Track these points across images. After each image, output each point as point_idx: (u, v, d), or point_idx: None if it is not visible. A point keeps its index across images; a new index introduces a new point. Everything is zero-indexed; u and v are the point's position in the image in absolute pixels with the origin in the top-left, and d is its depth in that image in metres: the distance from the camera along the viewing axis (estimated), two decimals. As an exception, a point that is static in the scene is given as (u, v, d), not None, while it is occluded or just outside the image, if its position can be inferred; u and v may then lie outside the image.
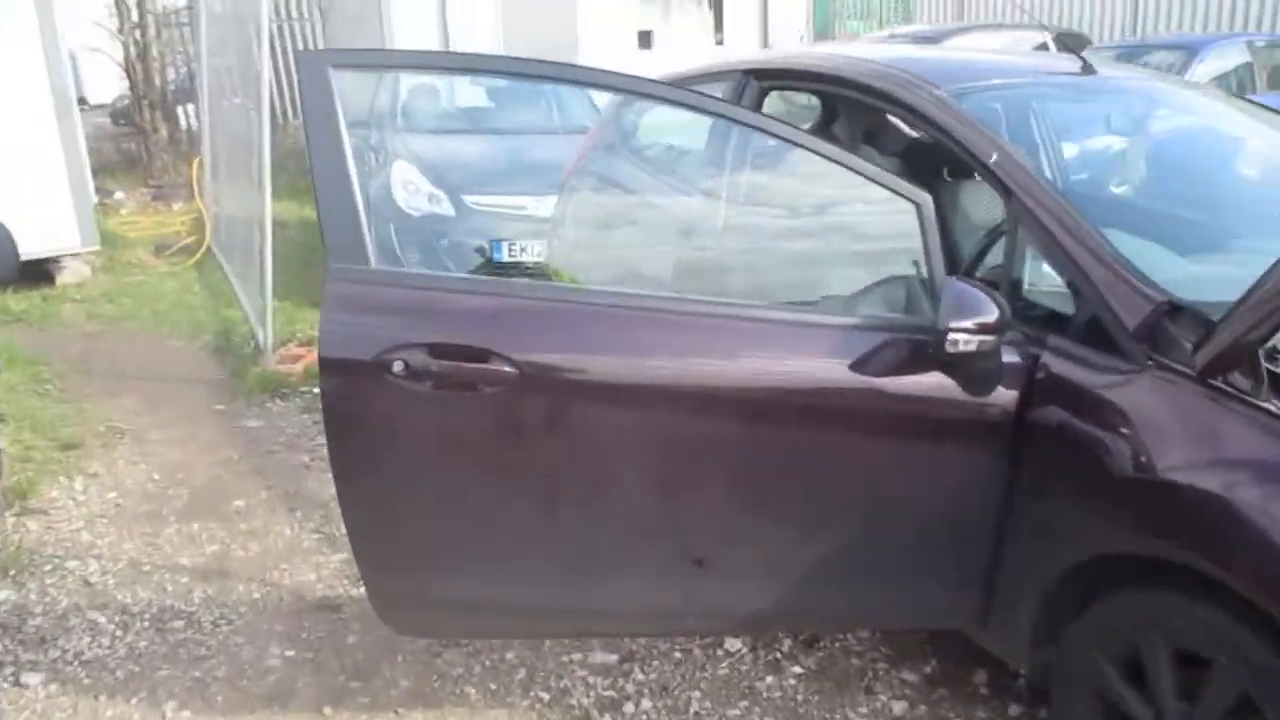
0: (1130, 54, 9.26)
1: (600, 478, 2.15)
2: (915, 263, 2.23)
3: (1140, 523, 1.97)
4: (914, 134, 4.08)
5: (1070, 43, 11.60)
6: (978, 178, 3.88)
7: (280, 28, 13.76)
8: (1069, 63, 2.95)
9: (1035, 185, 2.25)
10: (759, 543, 2.26)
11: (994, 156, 2.35)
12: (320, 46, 13.72)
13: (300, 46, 13.78)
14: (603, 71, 2.41)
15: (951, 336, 1.97)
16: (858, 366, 2.14)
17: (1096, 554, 2.05)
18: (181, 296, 6.79)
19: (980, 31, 11.11)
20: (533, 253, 6.40)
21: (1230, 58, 8.80)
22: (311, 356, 4.89)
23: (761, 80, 3.20)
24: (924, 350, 2.09)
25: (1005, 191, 2.32)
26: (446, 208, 6.29)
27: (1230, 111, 2.92)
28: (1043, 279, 2.28)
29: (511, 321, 2.07)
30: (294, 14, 13.85)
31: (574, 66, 2.75)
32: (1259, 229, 2.52)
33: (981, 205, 3.74)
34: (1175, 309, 2.00)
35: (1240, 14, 12.52)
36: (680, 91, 2.45)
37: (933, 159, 3.93)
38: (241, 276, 6.37)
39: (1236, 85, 8.61)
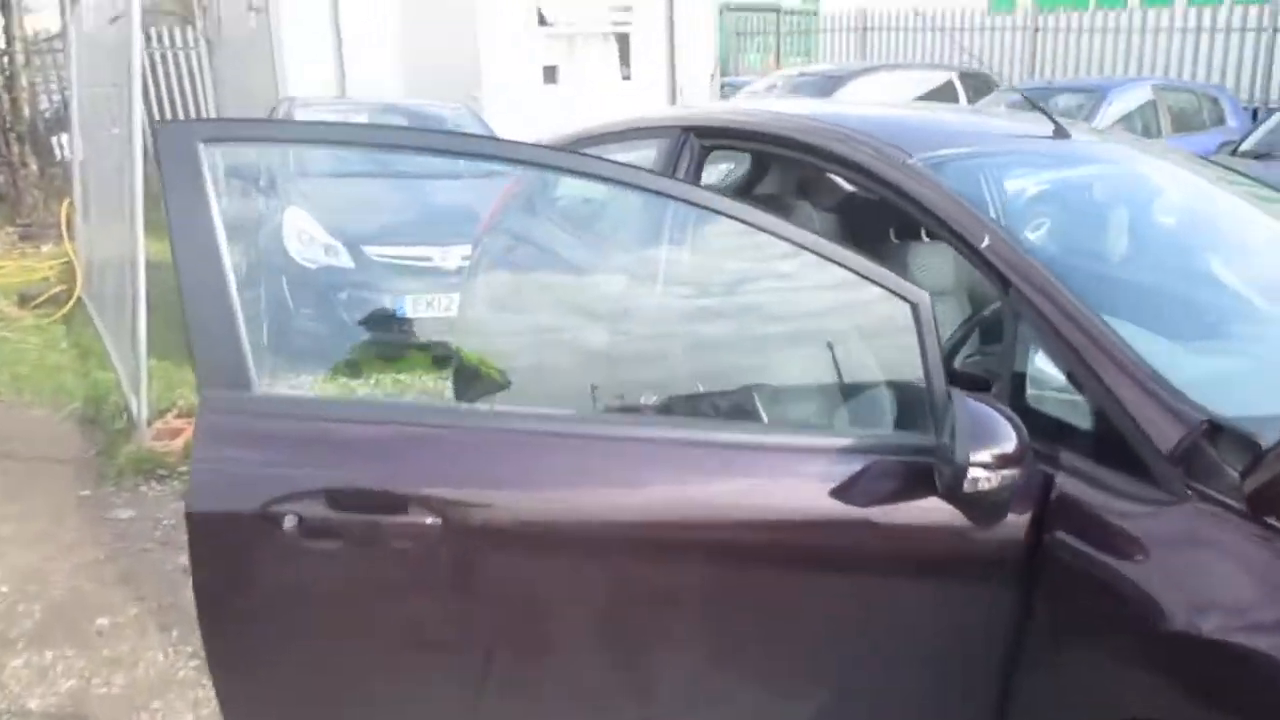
0: (1039, 96, 9.29)
1: (545, 642, 1.77)
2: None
3: (1180, 686, 1.67)
4: (850, 189, 3.84)
5: (974, 83, 11.72)
6: (926, 238, 3.68)
7: (163, 56, 13.05)
8: (1038, 125, 2.70)
9: (1041, 277, 1.95)
10: (732, 705, 1.91)
11: (986, 240, 2.05)
12: (206, 78, 13.06)
13: (185, 77, 13.09)
14: (518, 145, 2.05)
15: (973, 474, 1.65)
16: (842, 495, 1.81)
17: (1129, 718, 1.75)
18: (47, 355, 6.15)
19: (887, 71, 11.12)
20: (439, 308, 6.01)
21: (1136, 100, 8.90)
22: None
23: (703, 138, 2.87)
24: (922, 476, 1.78)
25: (1001, 281, 2.02)
26: (345, 259, 5.83)
27: (1215, 180, 2.70)
28: (1048, 381, 1.98)
29: (433, 457, 1.68)
30: (177, 42, 13.15)
31: (484, 140, 2.40)
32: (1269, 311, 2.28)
33: (933, 270, 3.49)
34: (1215, 428, 1.72)
35: (1135, 59, 12.82)
36: (615, 166, 2.04)
37: (876, 219, 3.67)
38: (114, 332, 5.77)
39: (1142, 127, 8.69)
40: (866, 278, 1.86)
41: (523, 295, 3.32)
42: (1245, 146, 7.25)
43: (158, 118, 12.84)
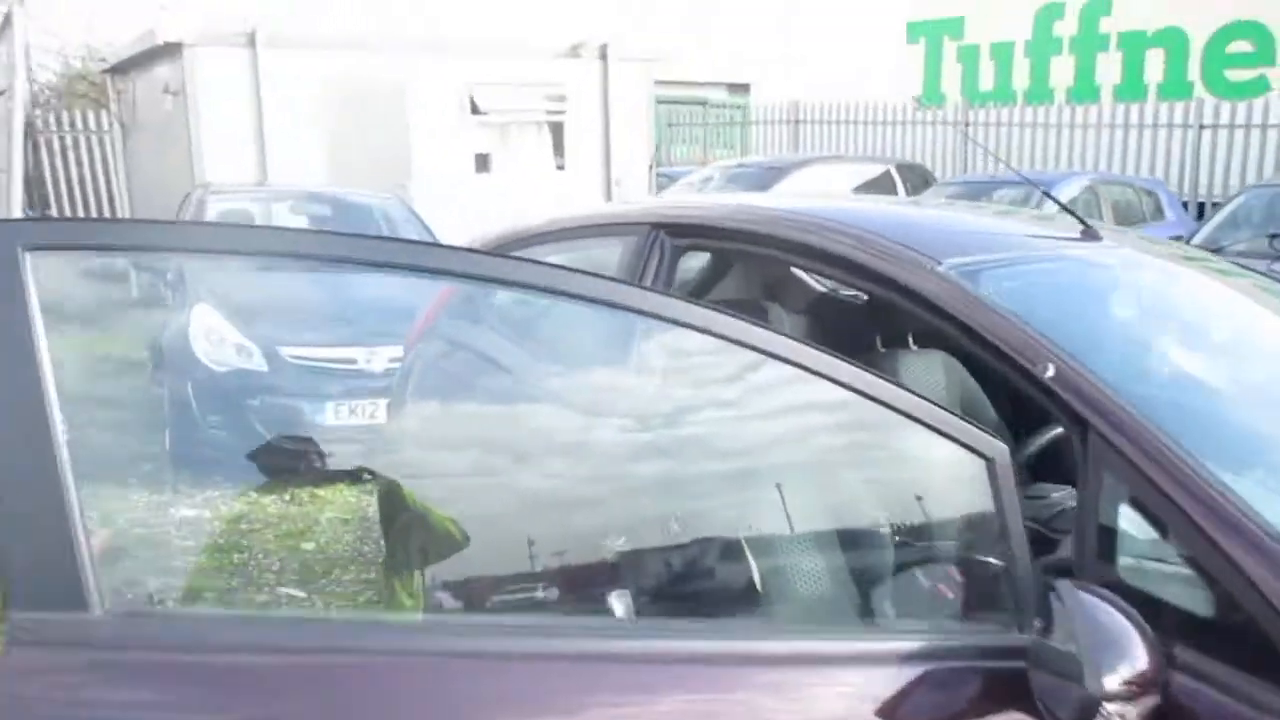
0: (982, 189, 9.21)
1: None
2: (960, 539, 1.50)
3: None
4: (822, 288, 3.47)
5: (911, 175, 11.69)
6: (914, 345, 3.30)
7: (74, 141, 12.45)
8: (1065, 226, 2.35)
9: (1135, 422, 1.54)
10: None
11: (1051, 369, 1.66)
12: (119, 165, 12.47)
13: (96, 164, 12.47)
14: (446, 250, 1.60)
15: (1108, 708, 1.21)
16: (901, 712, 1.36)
17: None
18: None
19: (826, 163, 11.03)
20: (364, 415, 5.49)
21: (1076, 193, 8.84)
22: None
23: (676, 236, 2.47)
24: (1004, 686, 1.35)
25: (1074, 421, 1.62)
26: (258, 361, 5.29)
27: (1266, 288, 2.36)
28: (1144, 549, 1.57)
29: (347, 691, 1.19)
30: (90, 126, 12.55)
31: (400, 244, 1.96)
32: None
33: (926, 383, 3.11)
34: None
35: (1064, 153, 12.97)
36: (583, 278, 1.58)
37: (857, 323, 3.30)
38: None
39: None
40: (931, 427, 1.43)
41: (458, 417, 2.82)
42: (1196, 241, 7.14)
43: (65, 208, 12.20)
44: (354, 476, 4.00)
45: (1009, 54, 14.77)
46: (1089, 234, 2.28)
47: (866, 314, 3.23)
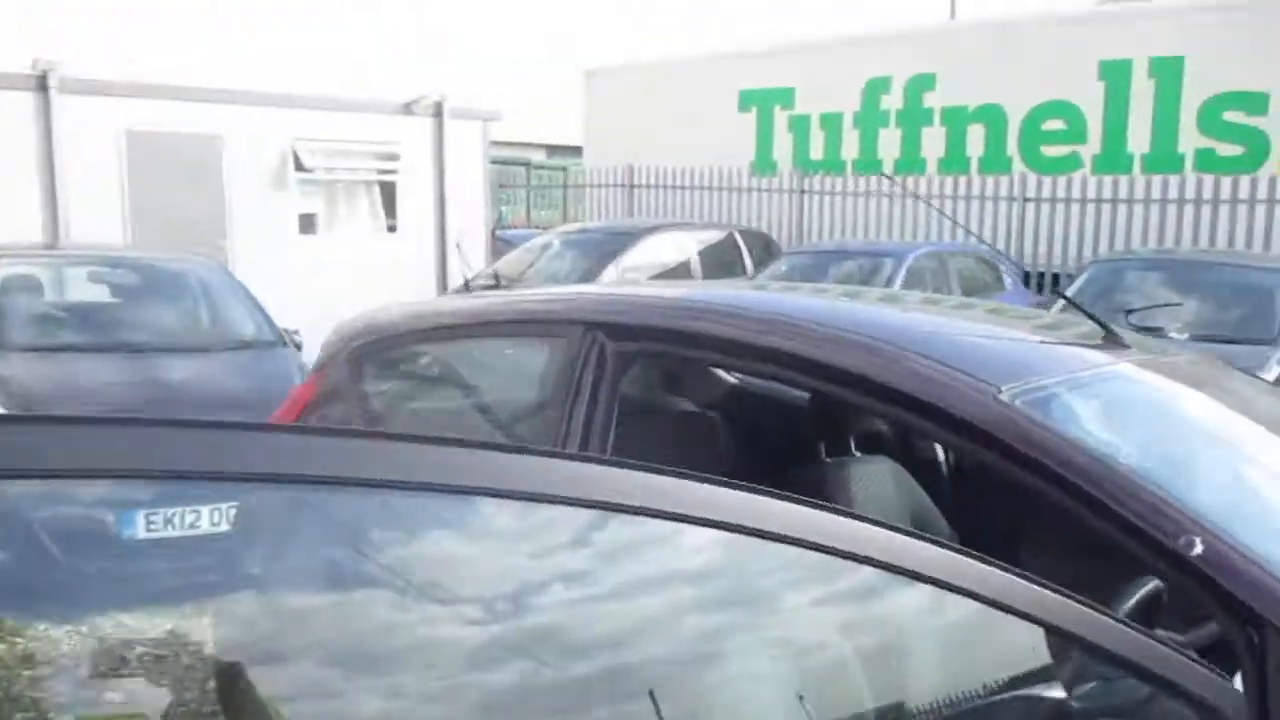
0: (833, 259, 9.13)
1: None
2: None
3: None
4: (753, 386, 3.04)
5: (753, 241, 11.62)
6: (857, 451, 2.90)
7: None
8: (1084, 329, 1.99)
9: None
10: None
11: (1199, 545, 1.25)
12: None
13: None
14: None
15: None
16: None
17: None
18: None
19: (674, 230, 10.80)
20: (182, 525, 4.62)
21: (925, 262, 8.86)
22: None
23: (619, 340, 1.98)
24: None
25: (1237, 612, 1.21)
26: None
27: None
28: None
29: None
30: None
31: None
32: None
33: (876, 493, 2.72)
34: None
35: (895, 222, 13.24)
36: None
37: (795, 426, 2.88)
38: None
39: (933, 292, 8.61)
40: (1144, 671, 0.97)
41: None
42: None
43: None
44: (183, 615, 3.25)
45: (838, 125, 15.07)
46: (1111, 340, 1.93)
47: (807, 415, 2.81)
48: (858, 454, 2.83)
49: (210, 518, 0.88)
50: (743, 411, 2.70)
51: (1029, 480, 1.46)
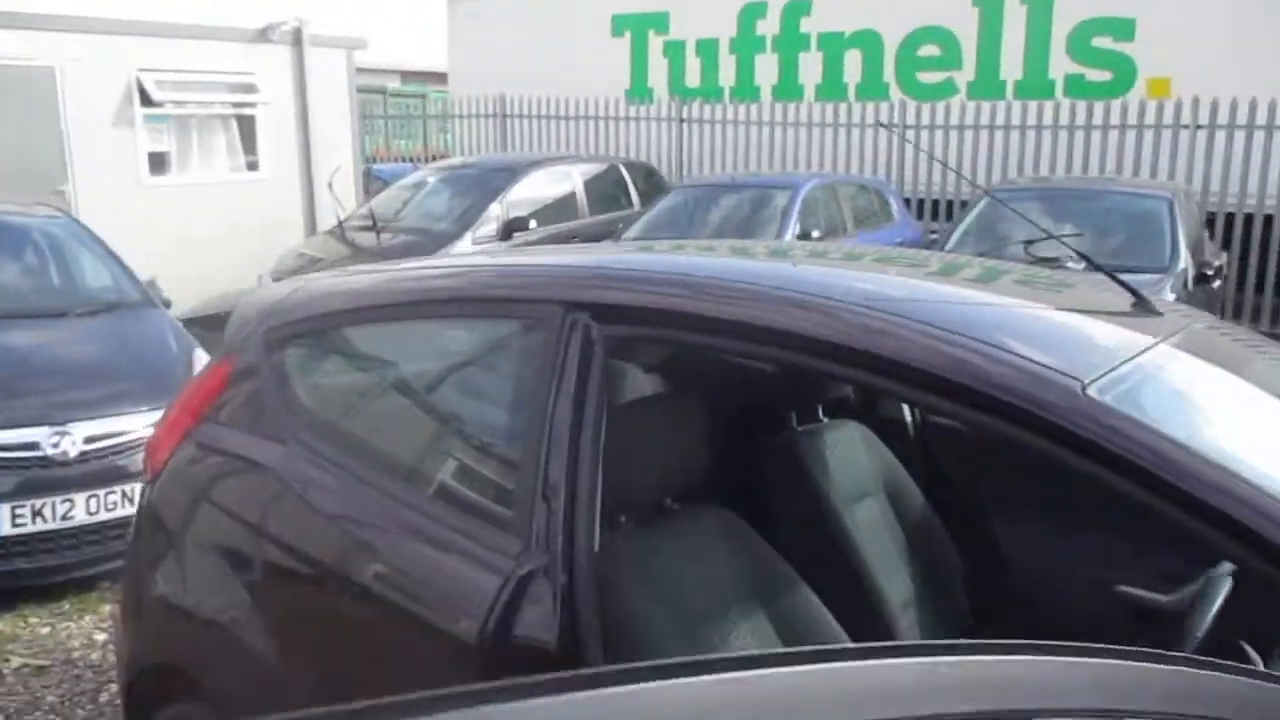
0: (726, 191, 8.93)
1: None
2: None
3: None
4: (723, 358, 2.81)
5: (636, 172, 11.33)
6: (825, 417, 2.72)
7: None
8: (1114, 296, 1.83)
9: None
10: None
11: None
12: None
13: None
14: None
15: None
16: None
17: None
18: None
19: (553, 164, 10.40)
20: (54, 518, 4.14)
21: (819, 193, 8.74)
22: None
23: (606, 323, 1.71)
24: None
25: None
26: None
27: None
28: None
29: None
30: None
31: None
32: None
33: (846, 458, 2.58)
34: None
35: (775, 151, 13.11)
36: None
37: (764, 397, 2.68)
38: None
39: (826, 224, 8.53)
40: None
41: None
42: (949, 247, 7.17)
43: None
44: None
45: (714, 51, 14.79)
46: (1144, 306, 1.77)
47: (777, 384, 2.61)
48: (825, 420, 2.67)
49: None
50: (710, 384, 2.48)
51: (1119, 483, 1.28)
